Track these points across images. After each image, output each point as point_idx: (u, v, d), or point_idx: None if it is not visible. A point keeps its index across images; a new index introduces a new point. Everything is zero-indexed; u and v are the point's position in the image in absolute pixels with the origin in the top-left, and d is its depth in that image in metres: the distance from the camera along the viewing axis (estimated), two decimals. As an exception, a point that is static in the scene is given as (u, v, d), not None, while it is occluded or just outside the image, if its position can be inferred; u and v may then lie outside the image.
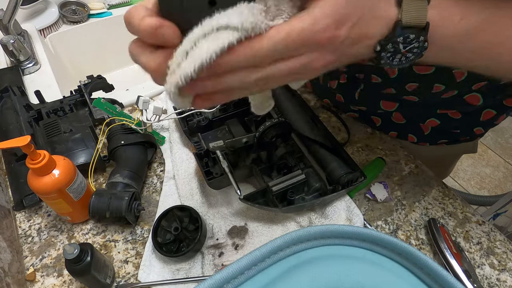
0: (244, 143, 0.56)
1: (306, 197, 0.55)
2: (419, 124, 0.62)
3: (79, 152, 0.59)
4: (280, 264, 0.28)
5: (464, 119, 0.58)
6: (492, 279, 0.50)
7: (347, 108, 0.67)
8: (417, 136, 0.64)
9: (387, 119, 0.63)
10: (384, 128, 0.66)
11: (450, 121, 0.58)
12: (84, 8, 1.02)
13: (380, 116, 0.64)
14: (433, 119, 0.59)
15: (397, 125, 0.63)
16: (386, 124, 0.65)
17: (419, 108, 0.57)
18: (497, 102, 0.55)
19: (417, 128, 0.62)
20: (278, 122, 0.55)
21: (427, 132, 0.62)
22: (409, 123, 0.62)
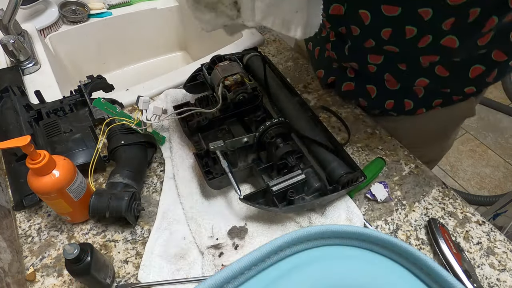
0: (244, 143, 0.56)
1: (306, 197, 0.55)
2: (412, 87, 0.62)
3: (79, 152, 0.59)
4: (280, 265, 0.28)
5: (453, 77, 0.57)
6: (492, 279, 0.50)
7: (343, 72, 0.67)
8: (412, 100, 0.64)
9: (381, 86, 0.64)
10: (380, 97, 0.66)
11: (439, 79, 0.58)
12: (84, 8, 1.02)
13: (374, 83, 0.64)
14: (422, 79, 0.59)
15: (391, 92, 0.63)
16: (381, 92, 0.65)
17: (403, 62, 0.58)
18: (484, 57, 0.55)
19: (411, 92, 0.63)
20: (278, 122, 0.55)
21: (421, 95, 0.62)
22: (402, 88, 0.62)
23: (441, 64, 0.56)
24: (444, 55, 0.54)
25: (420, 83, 0.60)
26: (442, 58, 0.55)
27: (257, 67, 0.69)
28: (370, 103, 0.68)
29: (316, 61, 0.74)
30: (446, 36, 0.51)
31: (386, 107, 0.66)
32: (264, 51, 0.84)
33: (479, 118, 1.97)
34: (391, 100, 0.65)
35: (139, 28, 1.11)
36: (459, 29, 0.49)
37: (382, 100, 0.66)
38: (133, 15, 1.07)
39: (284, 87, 0.66)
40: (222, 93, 0.61)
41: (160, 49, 1.20)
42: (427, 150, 0.74)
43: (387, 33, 0.53)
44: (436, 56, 0.54)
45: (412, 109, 0.65)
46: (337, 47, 0.64)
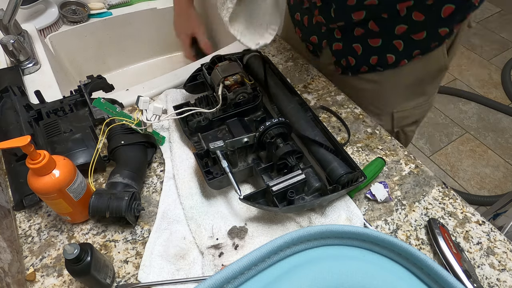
0: (244, 143, 0.56)
1: (306, 197, 0.55)
2: (392, 41, 0.68)
3: (79, 152, 0.59)
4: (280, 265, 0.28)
5: (427, 19, 0.63)
6: (492, 279, 0.50)
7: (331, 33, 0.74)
8: (394, 54, 0.70)
9: (365, 43, 0.70)
10: (365, 54, 0.72)
11: (416, 23, 0.64)
12: (84, 8, 1.02)
13: (360, 41, 0.71)
14: (401, 25, 0.65)
15: (375, 48, 0.70)
16: (366, 49, 0.71)
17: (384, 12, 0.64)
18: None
19: (392, 47, 0.69)
20: (278, 122, 0.55)
21: (401, 48, 0.68)
22: (384, 42, 0.69)
23: (416, 9, 0.62)
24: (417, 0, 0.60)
25: (399, 30, 0.66)
26: (416, 2, 0.60)
27: (257, 67, 0.69)
28: (357, 60, 0.74)
29: (307, 28, 0.81)
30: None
31: (371, 62, 0.72)
32: (264, 51, 0.84)
33: (479, 118, 1.97)
34: (375, 56, 0.71)
35: (139, 28, 1.11)
36: None
37: (367, 56, 0.72)
38: (133, 15, 1.07)
39: (284, 87, 0.66)
40: (222, 93, 0.61)
41: (160, 49, 1.20)
42: (411, 109, 0.81)
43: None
44: (410, 1, 0.60)
45: (395, 62, 0.71)
46: (324, 11, 0.71)
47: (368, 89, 0.77)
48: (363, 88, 0.78)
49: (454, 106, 2.04)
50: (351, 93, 0.78)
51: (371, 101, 0.78)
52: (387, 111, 0.80)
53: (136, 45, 1.14)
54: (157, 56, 1.21)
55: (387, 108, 0.79)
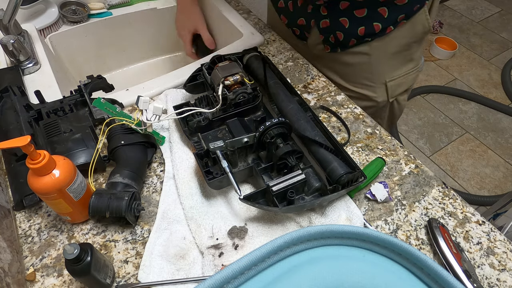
0: (244, 143, 0.56)
1: (306, 197, 0.55)
2: (377, 9, 0.70)
3: (79, 152, 0.59)
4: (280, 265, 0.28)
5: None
6: (492, 279, 0.50)
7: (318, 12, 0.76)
8: (380, 22, 0.72)
9: (352, 16, 0.72)
10: (352, 27, 0.74)
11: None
12: (84, 8, 1.02)
13: (346, 14, 0.73)
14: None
15: (361, 19, 0.72)
16: (353, 22, 0.73)
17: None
18: None
19: (377, 15, 0.71)
20: (278, 122, 0.55)
21: (386, 15, 0.71)
22: (369, 12, 0.71)
23: None
24: None
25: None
26: None
27: (257, 67, 0.69)
28: (345, 34, 0.76)
29: (292, 13, 0.83)
30: None
31: (359, 33, 0.74)
32: (264, 51, 0.84)
33: (479, 118, 1.98)
34: (362, 26, 0.74)
35: (139, 28, 1.11)
36: None
37: (355, 28, 0.74)
38: (133, 15, 1.07)
39: (284, 87, 0.66)
40: (222, 93, 0.61)
41: (160, 49, 1.20)
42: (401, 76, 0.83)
43: None
44: None
45: (382, 30, 0.73)
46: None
47: (359, 63, 0.79)
48: (354, 63, 0.80)
49: (454, 106, 2.04)
50: (343, 71, 0.81)
51: (364, 74, 0.80)
52: (381, 82, 0.82)
53: (136, 45, 1.14)
54: (157, 56, 1.21)
55: (380, 78, 0.81)
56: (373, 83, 0.81)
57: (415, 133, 1.91)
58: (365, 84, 0.82)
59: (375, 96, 0.83)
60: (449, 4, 2.68)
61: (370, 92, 0.83)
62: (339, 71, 0.82)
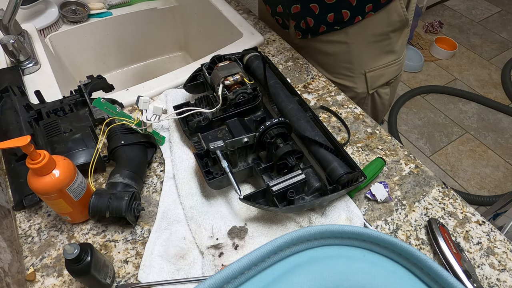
0: (244, 143, 0.56)
1: (306, 197, 0.55)
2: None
3: (79, 152, 0.59)
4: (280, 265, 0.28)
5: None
6: (492, 279, 0.50)
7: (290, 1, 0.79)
8: (349, 9, 0.74)
9: (322, 3, 0.74)
10: (322, 12, 0.76)
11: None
12: (84, 8, 1.02)
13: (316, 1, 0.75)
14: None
15: (330, 5, 0.74)
16: (323, 8, 0.75)
17: None
18: None
19: (346, 2, 0.73)
20: (278, 122, 0.55)
21: (354, 3, 0.72)
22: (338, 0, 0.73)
23: None
24: None
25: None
26: None
27: (257, 67, 0.69)
28: (316, 21, 0.78)
29: (274, 1, 0.86)
30: None
31: (329, 20, 0.76)
32: (264, 51, 0.84)
33: (479, 118, 1.98)
34: (332, 13, 0.76)
35: (139, 28, 1.11)
36: None
37: (324, 14, 0.76)
38: (133, 15, 1.07)
39: (284, 87, 0.66)
40: (222, 93, 0.61)
41: (160, 49, 1.20)
42: (383, 68, 0.84)
43: None
44: None
45: (350, 18, 0.75)
46: None
47: (338, 52, 0.81)
48: (334, 52, 0.82)
49: (454, 106, 2.04)
50: (324, 60, 0.83)
51: (343, 64, 0.82)
52: (360, 72, 0.83)
53: (136, 45, 1.14)
54: (157, 56, 1.21)
55: (359, 68, 0.82)
56: (352, 73, 0.82)
57: (415, 133, 1.91)
58: (344, 74, 0.83)
59: (355, 86, 0.85)
60: (449, 4, 2.68)
61: (349, 83, 0.85)
62: (320, 61, 0.84)
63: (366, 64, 0.82)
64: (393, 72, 0.86)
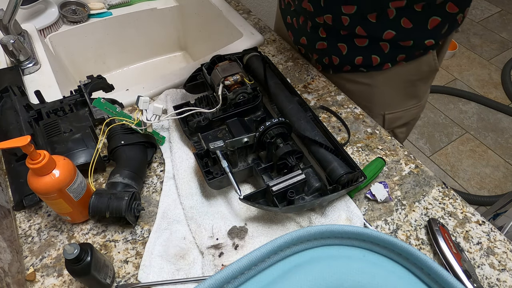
0: (244, 143, 0.56)
1: (306, 197, 0.55)
2: (379, 43, 0.69)
3: (79, 152, 0.59)
4: (280, 265, 0.28)
5: (415, 28, 0.65)
6: (492, 279, 0.50)
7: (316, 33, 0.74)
8: (379, 56, 0.70)
9: (351, 43, 0.71)
10: (350, 54, 0.72)
11: (404, 31, 0.65)
12: (84, 8, 1.02)
13: (345, 41, 0.71)
14: (389, 31, 0.66)
15: (360, 48, 0.70)
16: (351, 49, 0.72)
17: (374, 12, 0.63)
18: (440, 8, 0.63)
19: (378, 48, 0.69)
20: (278, 122, 0.55)
21: (386, 50, 0.69)
22: (370, 43, 0.69)
23: (405, 15, 0.63)
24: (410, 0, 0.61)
25: (387, 36, 0.66)
26: (408, 4, 0.61)
27: (257, 67, 0.69)
28: (341, 60, 0.74)
29: (297, 30, 0.80)
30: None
31: (356, 62, 0.73)
32: (264, 51, 0.84)
33: (479, 118, 1.98)
34: (360, 56, 0.72)
35: (139, 28, 1.11)
36: None
37: (352, 56, 0.72)
38: (133, 15, 1.07)
39: (284, 87, 0.66)
40: (222, 93, 0.61)
41: (160, 49, 1.20)
42: (403, 110, 0.81)
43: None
44: (403, 2, 0.61)
45: (379, 64, 0.72)
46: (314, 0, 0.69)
47: (358, 90, 0.77)
48: (353, 90, 0.78)
49: (454, 106, 2.04)
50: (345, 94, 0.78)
51: (363, 102, 0.78)
52: (378, 113, 0.80)
53: (136, 45, 1.14)
54: (157, 56, 1.21)
55: (378, 109, 0.79)
56: (370, 111, 0.79)
57: (415, 133, 1.91)
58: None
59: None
60: (449, 4, 2.68)
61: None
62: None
63: (387, 107, 0.79)
64: (413, 114, 0.83)
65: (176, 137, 0.64)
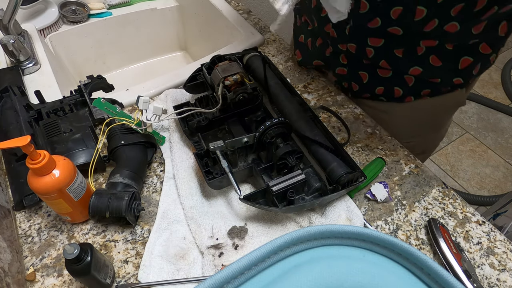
0: (244, 143, 0.56)
1: (306, 197, 0.55)
2: (403, 76, 0.64)
3: (79, 152, 0.59)
4: (280, 265, 0.28)
5: (444, 67, 0.61)
6: (492, 279, 0.50)
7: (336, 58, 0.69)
8: (402, 88, 0.66)
9: (373, 73, 0.66)
10: (371, 83, 0.68)
11: (432, 68, 0.61)
12: (84, 8, 1.02)
13: (367, 70, 0.67)
14: (416, 67, 0.61)
15: (383, 79, 0.66)
16: (373, 78, 0.67)
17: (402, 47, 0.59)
18: (473, 48, 0.59)
19: (402, 80, 0.65)
20: (278, 122, 0.55)
21: (411, 84, 0.65)
22: (394, 75, 0.65)
23: (435, 53, 0.59)
24: (442, 40, 0.57)
25: (413, 72, 0.62)
26: (439, 44, 0.57)
27: (257, 67, 0.69)
28: (361, 88, 0.71)
29: (310, 51, 0.75)
30: (450, 21, 0.53)
31: (377, 92, 0.69)
32: (264, 51, 0.84)
33: (479, 118, 1.97)
34: (382, 86, 0.68)
35: (139, 28, 1.11)
36: (463, 15, 0.52)
37: (373, 86, 0.69)
38: (133, 15, 1.07)
39: (284, 87, 0.66)
40: (222, 93, 0.61)
41: (160, 49, 1.20)
42: (420, 140, 0.76)
43: (397, 12, 0.54)
44: (435, 41, 0.57)
45: (401, 97, 0.68)
46: (338, 26, 0.63)
47: (375, 117, 0.72)
48: (371, 114, 0.73)
49: (454, 106, 2.04)
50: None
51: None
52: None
53: (136, 45, 1.14)
54: (157, 56, 1.21)
55: (396, 137, 0.72)
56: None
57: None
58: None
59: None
60: (449, 4, 2.68)
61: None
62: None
63: (403, 137, 0.70)
64: (431, 143, 0.80)
65: (176, 137, 0.64)
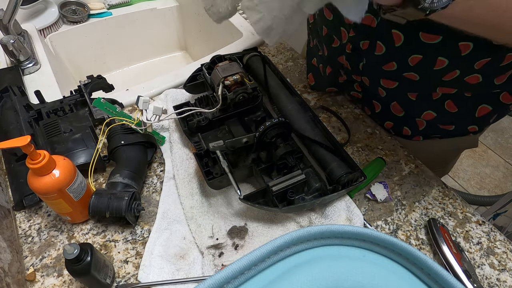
0: (244, 143, 0.56)
1: (306, 197, 0.55)
2: (415, 118, 0.62)
3: (79, 152, 0.59)
4: (280, 265, 0.28)
5: (460, 113, 0.57)
6: (492, 279, 0.50)
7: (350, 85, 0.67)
8: (411, 130, 0.65)
9: (386, 107, 0.64)
10: (382, 115, 0.67)
11: (446, 114, 0.58)
12: (84, 8, 1.02)
13: (380, 103, 0.65)
14: (429, 112, 0.59)
15: (394, 116, 0.64)
16: (385, 111, 0.65)
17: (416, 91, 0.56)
18: (494, 97, 0.55)
19: (413, 122, 0.63)
20: (278, 122, 0.55)
21: (422, 127, 0.63)
22: (406, 116, 0.63)
23: (452, 99, 0.55)
24: (461, 89, 0.53)
25: (426, 116, 0.59)
26: (458, 92, 0.54)
27: (257, 67, 0.69)
28: (373, 115, 0.69)
29: (322, 78, 0.72)
30: (473, 74, 0.49)
31: (385, 126, 0.68)
32: (264, 51, 0.84)
33: (479, 118, 1.97)
34: (392, 122, 0.66)
35: (139, 28, 1.11)
36: (488, 68, 0.48)
37: (383, 118, 0.67)
38: (133, 15, 1.07)
39: (284, 87, 0.66)
40: (222, 93, 0.61)
41: (160, 49, 1.20)
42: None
43: (415, 60, 0.51)
44: (453, 90, 0.53)
45: (410, 136, 0.66)
46: (352, 60, 0.61)
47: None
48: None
49: (454, 106, 2.04)
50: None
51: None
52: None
53: (136, 45, 1.14)
54: (157, 56, 1.21)
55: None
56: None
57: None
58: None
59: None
60: (449, 4, 2.68)
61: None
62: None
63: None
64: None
65: (176, 137, 0.64)
